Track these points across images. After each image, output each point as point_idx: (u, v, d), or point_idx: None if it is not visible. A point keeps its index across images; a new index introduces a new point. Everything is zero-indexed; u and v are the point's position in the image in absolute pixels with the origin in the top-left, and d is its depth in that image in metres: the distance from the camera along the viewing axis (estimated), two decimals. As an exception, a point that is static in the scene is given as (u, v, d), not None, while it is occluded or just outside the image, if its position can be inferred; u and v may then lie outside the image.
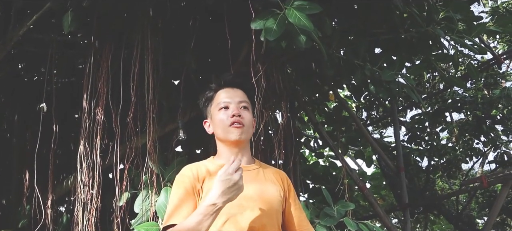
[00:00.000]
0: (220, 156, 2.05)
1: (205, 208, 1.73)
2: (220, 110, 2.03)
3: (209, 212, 1.72)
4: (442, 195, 8.40)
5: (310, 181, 6.40)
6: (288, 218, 2.04)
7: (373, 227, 3.07)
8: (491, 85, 7.21)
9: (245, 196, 1.88)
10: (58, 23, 3.43)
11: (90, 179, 3.29)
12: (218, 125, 2.02)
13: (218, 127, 2.02)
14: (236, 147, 2.01)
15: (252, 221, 1.85)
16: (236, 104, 2.03)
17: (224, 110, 2.02)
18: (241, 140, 1.99)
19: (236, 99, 2.04)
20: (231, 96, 2.05)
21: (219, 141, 2.05)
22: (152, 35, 3.47)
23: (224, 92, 2.07)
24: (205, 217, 1.72)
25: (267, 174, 2.05)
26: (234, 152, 2.00)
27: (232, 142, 1.99)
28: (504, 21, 3.96)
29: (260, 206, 1.90)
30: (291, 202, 2.07)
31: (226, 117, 2.00)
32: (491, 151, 7.62)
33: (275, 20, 2.70)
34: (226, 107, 2.02)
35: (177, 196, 1.90)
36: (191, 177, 1.92)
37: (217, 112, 2.03)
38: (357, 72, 3.60)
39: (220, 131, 2.01)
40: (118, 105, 3.37)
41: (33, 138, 3.83)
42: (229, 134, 1.98)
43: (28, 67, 4.52)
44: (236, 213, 1.85)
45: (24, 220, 3.77)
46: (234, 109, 2.00)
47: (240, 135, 1.98)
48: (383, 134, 8.86)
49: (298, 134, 5.33)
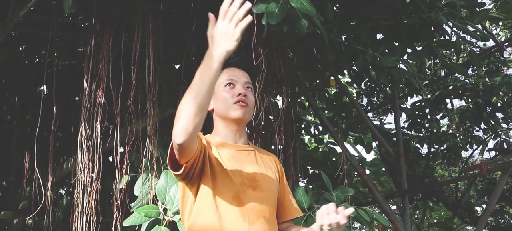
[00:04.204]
0: (217, 133, 2.03)
1: (202, 65, 1.70)
2: (225, 86, 2.01)
3: (206, 65, 1.69)
4: (441, 182, 8.44)
5: (310, 167, 6.43)
6: (281, 201, 2.06)
7: (372, 213, 3.08)
8: (492, 72, 7.20)
9: (248, 175, 1.89)
10: (58, 5, 3.41)
11: (90, 162, 3.30)
12: (221, 101, 1.99)
13: (221, 103, 1.99)
14: (236, 125, 2.00)
15: (254, 201, 1.86)
16: (242, 84, 2.02)
17: (229, 88, 2.00)
18: (243, 118, 1.99)
19: (243, 80, 2.04)
20: (238, 76, 2.04)
21: (219, 117, 2.03)
22: (153, 19, 3.45)
23: (230, 71, 2.05)
24: (203, 72, 1.69)
25: (263, 157, 2.06)
26: (233, 130, 2.00)
27: (234, 119, 1.98)
28: (507, 8, 3.94)
29: (262, 188, 1.91)
30: (284, 185, 2.09)
31: (231, 94, 1.98)
32: (491, 138, 7.64)
33: (277, 4, 2.69)
34: (231, 85, 2.01)
35: None
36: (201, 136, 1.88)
37: (222, 88, 2.01)
38: (358, 58, 3.59)
39: (222, 107, 1.99)
40: (119, 88, 3.37)
41: (34, 120, 3.83)
42: (232, 111, 1.97)
43: (28, 49, 4.51)
44: (239, 191, 1.85)
45: (24, 201, 3.78)
46: (240, 88, 2.00)
47: (243, 114, 1.98)
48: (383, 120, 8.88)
49: (299, 119, 5.34)
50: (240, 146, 2.00)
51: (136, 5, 3.46)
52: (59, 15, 3.75)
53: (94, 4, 3.53)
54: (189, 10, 3.66)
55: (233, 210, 1.83)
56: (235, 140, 2.00)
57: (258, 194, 1.89)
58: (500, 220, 8.79)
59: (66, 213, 3.69)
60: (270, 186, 1.96)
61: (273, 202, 1.97)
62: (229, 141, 2.00)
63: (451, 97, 7.26)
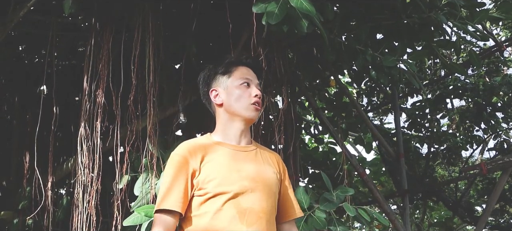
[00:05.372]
0: (220, 131, 2.02)
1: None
2: (241, 85, 2.00)
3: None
4: (442, 182, 8.43)
5: (310, 166, 6.43)
6: (283, 201, 2.04)
7: (372, 213, 3.08)
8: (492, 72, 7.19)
9: (247, 177, 1.88)
10: (58, 5, 3.41)
11: (90, 162, 3.30)
12: (236, 99, 1.98)
13: (236, 101, 1.98)
14: (245, 125, 2.00)
15: (252, 202, 1.84)
16: (257, 86, 2.03)
17: (245, 87, 2.00)
18: (255, 119, 2.01)
19: (256, 81, 2.05)
20: (252, 76, 2.05)
21: (228, 113, 2.00)
22: (153, 18, 3.45)
23: (245, 69, 2.05)
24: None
25: (264, 155, 2.04)
26: (240, 129, 2.00)
27: (247, 120, 1.98)
28: (507, 7, 3.93)
29: (260, 187, 1.89)
30: (287, 184, 2.07)
31: (248, 94, 1.98)
32: (491, 138, 7.63)
33: (277, 4, 2.68)
34: (247, 84, 2.01)
35: (169, 177, 1.87)
36: (187, 156, 1.88)
37: (238, 86, 1.99)
38: (358, 58, 3.59)
39: (237, 105, 1.98)
40: (119, 88, 3.37)
41: (34, 120, 3.83)
42: (248, 111, 1.97)
43: (28, 49, 4.51)
44: (238, 193, 1.84)
45: (24, 201, 3.78)
46: (256, 90, 2.00)
47: (257, 116, 1.99)
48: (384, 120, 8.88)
49: (299, 119, 5.34)
50: (242, 146, 1.99)
51: (136, 5, 3.46)
52: (59, 15, 3.74)
53: (94, 4, 3.52)
54: (189, 10, 3.66)
55: (230, 212, 1.81)
56: (238, 139, 1.99)
57: (256, 195, 1.87)
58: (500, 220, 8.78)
59: (66, 213, 3.68)
60: (270, 186, 1.94)
61: (272, 203, 1.94)
62: (231, 140, 1.99)
63: (451, 97, 7.26)
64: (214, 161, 1.89)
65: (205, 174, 1.86)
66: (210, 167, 1.87)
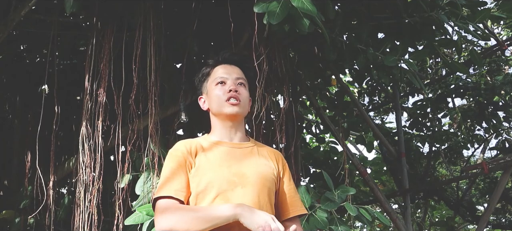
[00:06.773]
0: (213, 132, 2.05)
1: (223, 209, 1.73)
2: (216, 85, 2.03)
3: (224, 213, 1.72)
4: (443, 181, 8.43)
5: (311, 166, 6.43)
6: (282, 198, 2.04)
7: (374, 212, 3.08)
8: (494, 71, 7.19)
9: (238, 173, 1.89)
10: (60, 4, 3.41)
11: (92, 161, 3.30)
12: (213, 100, 2.02)
13: (214, 102, 2.02)
14: (231, 121, 2.02)
15: (243, 199, 1.84)
16: (233, 81, 2.03)
17: (220, 86, 2.02)
18: (237, 114, 2.00)
19: (234, 76, 2.05)
20: (229, 72, 2.06)
21: (213, 115, 2.06)
22: (154, 18, 3.45)
23: (221, 68, 2.08)
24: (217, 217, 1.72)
25: (261, 152, 2.05)
26: (228, 127, 2.01)
27: (227, 116, 2.00)
28: (509, 6, 3.93)
29: (252, 184, 1.89)
30: (285, 181, 2.06)
31: (223, 92, 2.00)
32: (493, 137, 7.63)
33: (278, 3, 2.68)
34: (222, 82, 2.03)
35: (169, 169, 1.90)
36: (184, 151, 1.92)
37: (214, 87, 2.03)
38: (359, 57, 3.59)
39: (215, 105, 2.02)
40: (120, 87, 3.37)
41: (35, 119, 3.83)
42: (225, 108, 1.99)
43: (30, 48, 4.51)
44: (227, 189, 1.84)
45: (26, 200, 3.78)
46: (231, 84, 2.01)
47: (236, 110, 1.99)
48: (385, 119, 8.87)
49: (300, 118, 5.33)
50: (236, 143, 2.01)
51: (137, 4, 3.46)
52: (61, 14, 3.74)
53: (95, 3, 3.53)
54: (190, 9, 3.66)
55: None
56: (230, 137, 2.02)
57: (247, 190, 1.87)
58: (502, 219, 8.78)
59: (67, 212, 3.69)
60: (263, 181, 1.93)
61: (266, 197, 1.92)
62: (225, 138, 2.02)
63: (452, 96, 7.25)
64: (206, 157, 1.92)
65: (197, 169, 1.89)
66: (202, 163, 1.90)
